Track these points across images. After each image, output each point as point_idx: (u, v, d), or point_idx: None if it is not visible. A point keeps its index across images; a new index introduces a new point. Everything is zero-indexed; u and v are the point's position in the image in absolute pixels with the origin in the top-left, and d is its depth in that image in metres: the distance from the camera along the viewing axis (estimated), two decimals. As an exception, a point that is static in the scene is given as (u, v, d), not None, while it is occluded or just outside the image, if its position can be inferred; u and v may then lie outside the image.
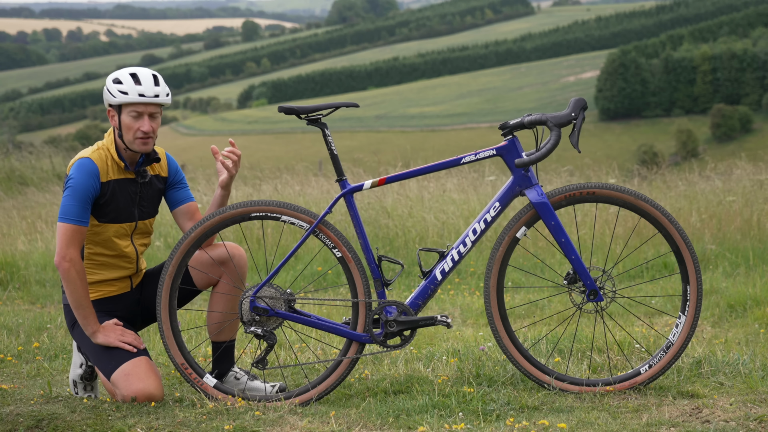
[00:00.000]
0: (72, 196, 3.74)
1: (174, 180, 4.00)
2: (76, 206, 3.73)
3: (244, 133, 74.86)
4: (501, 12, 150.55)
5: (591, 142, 56.42)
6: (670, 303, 6.10)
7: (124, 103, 3.76)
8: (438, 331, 5.31)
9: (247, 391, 3.93)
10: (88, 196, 3.75)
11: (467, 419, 3.52)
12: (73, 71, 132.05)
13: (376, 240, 8.15)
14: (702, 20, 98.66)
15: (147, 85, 3.78)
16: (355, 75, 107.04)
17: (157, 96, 3.79)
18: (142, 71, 3.82)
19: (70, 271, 3.73)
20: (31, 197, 12.29)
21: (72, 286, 3.75)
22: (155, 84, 3.80)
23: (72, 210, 3.73)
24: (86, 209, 3.75)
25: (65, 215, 3.73)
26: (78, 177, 3.75)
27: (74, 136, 44.04)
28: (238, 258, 3.95)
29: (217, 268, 3.94)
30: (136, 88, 3.76)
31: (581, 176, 10.45)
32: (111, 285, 3.94)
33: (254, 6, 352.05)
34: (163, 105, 3.86)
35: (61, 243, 3.73)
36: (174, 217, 4.04)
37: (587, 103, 3.81)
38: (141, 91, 3.76)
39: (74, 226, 3.73)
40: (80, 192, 3.73)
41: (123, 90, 3.76)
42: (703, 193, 8.91)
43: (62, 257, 3.73)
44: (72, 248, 3.73)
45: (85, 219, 3.75)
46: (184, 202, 4.00)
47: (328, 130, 3.87)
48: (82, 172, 3.75)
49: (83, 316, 3.79)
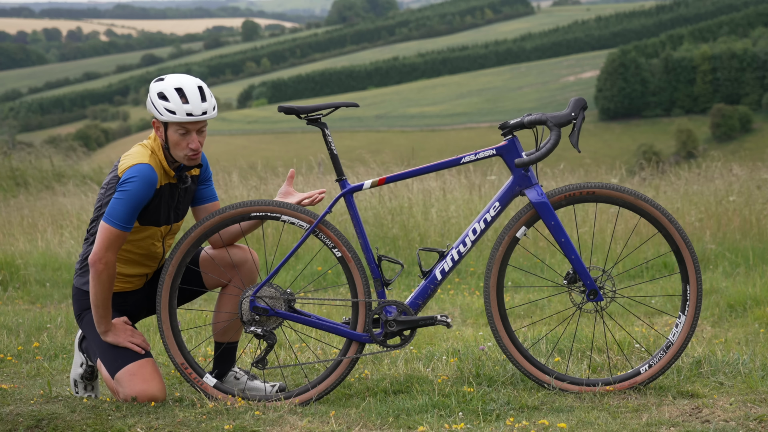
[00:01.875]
0: (126, 201, 3.66)
1: (203, 177, 3.96)
2: (126, 212, 3.67)
3: (244, 133, 74.86)
4: (501, 12, 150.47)
5: (591, 142, 56.41)
6: (670, 303, 6.10)
7: (171, 121, 3.70)
8: (438, 330, 5.31)
9: (246, 391, 3.93)
10: (140, 204, 3.69)
11: (467, 419, 3.52)
12: (73, 71, 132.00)
13: (376, 240, 8.14)
14: (702, 20, 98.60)
15: (194, 103, 3.68)
16: (355, 75, 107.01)
17: (205, 113, 3.70)
18: (187, 84, 3.70)
19: (103, 273, 3.70)
20: (31, 197, 12.28)
21: (99, 287, 3.72)
22: (202, 100, 3.70)
23: (121, 215, 3.66)
24: (134, 216, 3.70)
25: (113, 218, 3.67)
26: (138, 184, 3.66)
27: (74, 136, 44.04)
28: (254, 261, 3.95)
29: (229, 269, 3.93)
30: (183, 107, 3.66)
31: (581, 176, 10.44)
32: (128, 282, 3.93)
33: (254, 6, 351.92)
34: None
35: (101, 244, 3.68)
36: (194, 213, 4.00)
37: (587, 103, 3.81)
38: (189, 110, 3.67)
39: (118, 231, 3.68)
40: (135, 199, 3.67)
41: (170, 109, 3.67)
42: (703, 193, 8.91)
43: (99, 258, 3.69)
44: (110, 251, 3.69)
45: (130, 225, 3.69)
46: (209, 200, 3.97)
47: (328, 129, 3.87)
48: (143, 181, 3.67)
49: (100, 315, 3.78)
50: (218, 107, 3.80)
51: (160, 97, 3.69)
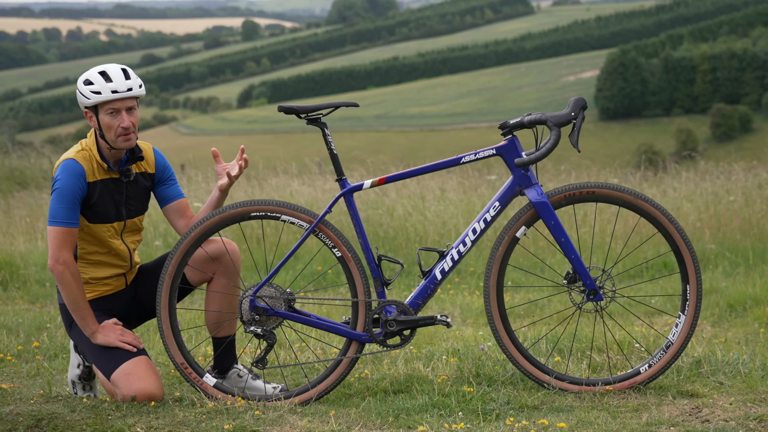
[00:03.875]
0: (59, 198, 3.71)
1: (162, 177, 3.98)
2: (64, 209, 3.71)
3: (243, 132, 74.85)
4: (501, 11, 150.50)
5: (591, 142, 56.42)
6: (670, 302, 6.11)
7: (99, 102, 3.73)
8: (438, 330, 5.31)
9: (247, 390, 3.93)
10: (75, 197, 3.73)
11: (467, 419, 3.52)
12: (73, 71, 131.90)
13: (376, 240, 8.14)
14: (702, 20, 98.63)
15: (118, 81, 3.74)
16: (354, 75, 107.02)
17: (130, 89, 3.75)
18: (110, 67, 3.78)
19: (65, 273, 3.73)
20: (30, 197, 12.28)
21: (68, 289, 3.74)
22: (126, 77, 3.76)
23: (60, 212, 3.71)
24: (75, 210, 3.73)
25: (54, 218, 3.72)
26: (64, 179, 3.72)
27: (74, 136, 43.96)
28: (232, 252, 3.95)
29: (210, 265, 3.94)
30: (108, 85, 3.73)
31: (581, 176, 10.44)
32: (106, 284, 3.93)
33: (254, 5, 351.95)
34: (138, 97, 3.83)
35: (53, 246, 3.71)
36: (165, 214, 4.03)
37: (587, 103, 3.81)
38: (113, 88, 3.73)
39: (65, 229, 3.71)
40: (67, 194, 3.71)
41: (95, 90, 3.73)
42: (703, 193, 8.91)
43: (56, 260, 3.71)
44: (64, 251, 3.72)
45: (74, 220, 3.73)
46: (174, 199, 3.99)
47: (328, 129, 3.87)
48: (67, 174, 3.73)
49: (81, 317, 3.79)
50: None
51: (85, 83, 3.77)
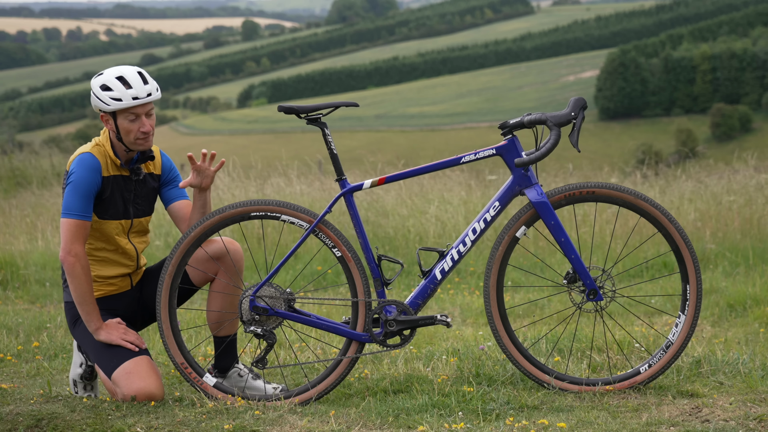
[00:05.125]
0: (74, 191, 3.73)
1: (168, 178, 4.00)
2: (78, 201, 3.73)
3: (243, 132, 74.85)
4: (501, 11, 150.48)
5: (591, 142, 56.41)
6: (670, 302, 6.11)
7: (119, 109, 3.76)
8: (438, 330, 5.31)
9: (247, 390, 3.93)
10: (90, 190, 3.75)
11: (467, 418, 3.52)
12: (73, 71, 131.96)
13: (375, 239, 8.15)
14: (702, 20, 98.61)
15: (138, 87, 3.76)
16: (354, 74, 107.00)
17: (150, 95, 3.78)
18: (127, 72, 3.79)
19: (76, 266, 3.74)
20: (31, 197, 12.28)
21: (77, 281, 3.75)
22: (144, 82, 3.78)
23: (75, 205, 3.73)
24: (89, 204, 3.75)
25: (68, 210, 3.74)
26: (80, 171, 3.75)
27: (74, 136, 43.98)
28: (234, 252, 3.95)
29: (213, 265, 3.94)
30: (128, 92, 3.74)
31: (581, 176, 10.45)
32: (111, 284, 3.94)
33: (254, 5, 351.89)
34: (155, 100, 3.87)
35: (66, 238, 3.73)
36: (169, 214, 4.05)
37: (587, 103, 3.81)
38: (134, 95, 3.74)
39: (78, 221, 3.73)
40: (82, 186, 3.74)
41: (115, 97, 3.74)
42: (703, 193, 8.91)
43: (67, 252, 3.73)
44: (77, 243, 3.73)
45: (88, 213, 3.75)
46: (178, 199, 4.01)
47: (328, 129, 3.87)
48: (83, 167, 3.75)
49: (86, 312, 3.79)
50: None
51: (103, 89, 3.76)
